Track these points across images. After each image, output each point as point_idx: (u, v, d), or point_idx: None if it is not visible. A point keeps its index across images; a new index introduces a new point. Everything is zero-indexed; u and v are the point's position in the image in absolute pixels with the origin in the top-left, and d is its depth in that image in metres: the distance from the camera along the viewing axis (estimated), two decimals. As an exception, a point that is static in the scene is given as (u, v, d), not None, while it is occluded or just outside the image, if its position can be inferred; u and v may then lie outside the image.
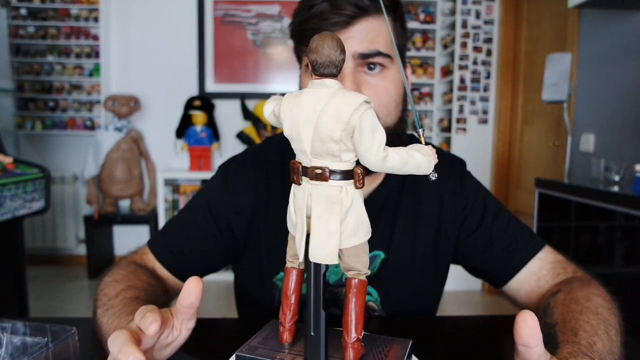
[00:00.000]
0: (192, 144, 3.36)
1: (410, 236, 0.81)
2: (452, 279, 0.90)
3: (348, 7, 0.68)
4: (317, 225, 0.41)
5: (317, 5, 0.69)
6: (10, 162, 1.75)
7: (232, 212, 0.82)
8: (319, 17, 0.69)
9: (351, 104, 0.39)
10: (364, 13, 0.69)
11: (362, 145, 0.39)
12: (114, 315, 0.60)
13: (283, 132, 0.44)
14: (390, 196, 0.82)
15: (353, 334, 0.45)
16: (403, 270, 0.80)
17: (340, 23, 0.69)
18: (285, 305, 0.48)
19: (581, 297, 0.66)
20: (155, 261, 0.81)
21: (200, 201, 0.84)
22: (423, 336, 0.71)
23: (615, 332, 0.59)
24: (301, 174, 0.42)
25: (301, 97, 0.41)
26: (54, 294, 3.13)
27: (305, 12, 0.71)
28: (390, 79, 0.73)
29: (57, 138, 3.62)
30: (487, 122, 3.32)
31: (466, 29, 3.22)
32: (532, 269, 0.79)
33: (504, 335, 0.72)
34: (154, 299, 0.69)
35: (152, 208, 3.50)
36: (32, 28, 3.44)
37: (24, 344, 0.53)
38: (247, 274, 0.86)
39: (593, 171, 2.02)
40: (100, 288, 0.70)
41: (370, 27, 0.70)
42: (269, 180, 0.83)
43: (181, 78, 3.55)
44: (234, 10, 3.53)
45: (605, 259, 1.69)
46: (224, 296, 3.00)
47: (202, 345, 0.64)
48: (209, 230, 0.81)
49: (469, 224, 0.83)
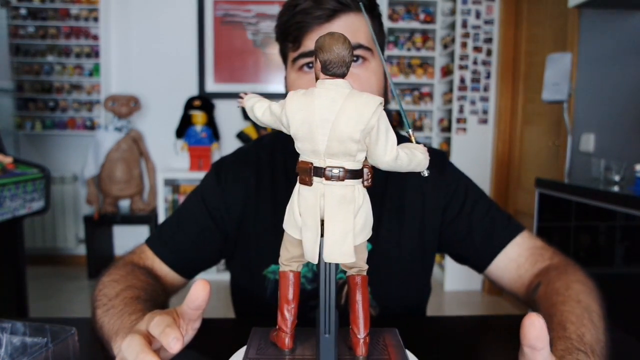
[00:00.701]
0: (192, 144, 3.36)
1: (396, 227, 0.84)
2: (452, 279, 0.91)
3: (330, 2, 0.73)
4: (332, 225, 0.41)
5: (300, 4, 0.74)
6: (10, 162, 1.75)
7: (224, 206, 0.84)
8: (303, 12, 0.74)
9: (371, 105, 0.40)
10: (345, 8, 0.74)
11: (378, 145, 0.41)
12: (116, 316, 0.60)
13: (278, 131, 0.45)
14: (376, 188, 0.84)
15: (363, 329, 0.46)
16: (392, 260, 0.83)
17: (322, 17, 0.74)
18: (285, 310, 0.47)
19: (561, 286, 0.68)
20: (154, 258, 0.82)
21: (195, 197, 0.87)
22: (423, 336, 0.71)
23: (598, 317, 0.61)
24: (313, 175, 0.42)
25: (313, 97, 0.41)
26: (54, 294, 3.13)
27: (290, 11, 0.76)
28: (372, 71, 0.78)
29: (57, 138, 3.62)
30: (487, 122, 3.32)
31: (466, 29, 3.22)
32: (511, 255, 0.82)
33: (504, 335, 0.72)
34: (154, 298, 0.69)
35: (152, 208, 3.50)
36: (32, 28, 3.44)
37: (23, 344, 0.53)
38: (239, 268, 0.88)
39: (593, 171, 2.02)
40: (99, 288, 0.70)
41: (351, 22, 0.76)
42: (259, 177, 0.86)
43: (181, 78, 3.55)
44: (234, 10, 3.53)
45: (605, 259, 1.69)
46: (224, 296, 2.99)
47: (201, 345, 0.64)
48: (204, 223, 0.84)
49: (451, 211, 0.86)
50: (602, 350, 0.55)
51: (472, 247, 0.85)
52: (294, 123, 0.41)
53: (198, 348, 0.62)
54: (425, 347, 0.57)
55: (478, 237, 0.84)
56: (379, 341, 0.51)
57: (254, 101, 0.45)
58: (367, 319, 0.46)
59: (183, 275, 0.84)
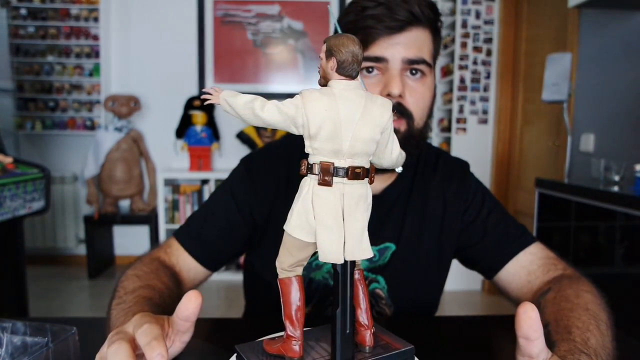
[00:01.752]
0: (192, 144, 3.36)
1: (418, 229, 0.85)
2: (452, 279, 0.92)
3: (403, 13, 0.73)
4: (352, 224, 0.42)
5: (371, 8, 0.74)
6: (10, 162, 1.76)
7: (254, 199, 0.85)
8: (374, 18, 0.74)
9: (387, 108, 0.43)
10: (415, 21, 0.75)
11: (388, 145, 0.45)
12: (123, 311, 0.61)
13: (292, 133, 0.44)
14: (402, 194, 0.87)
15: (369, 322, 0.48)
16: (411, 261, 0.84)
17: (395, 27, 0.74)
18: (295, 317, 0.46)
19: (571, 294, 0.68)
20: (180, 251, 0.83)
21: (223, 191, 0.87)
22: (423, 336, 0.71)
23: (606, 326, 0.61)
24: (333, 174, 0.42)
25: (335, 97, 0.41)
26: (54, 294, 3.13)
27: (358, 13, 0.76)
28: (428, 86, 0.79)
29: (57, 138, 3.62)
30: (487, 122, 3.32)
31: (466, 29, 3.22)
32: (523, 262, 0.82)
33: (504, 335, 0.72)
34: (167, 303, 0.68)
35: (152, 208, 3.50)
36: (32, 28, 3.44)
37: (24, 343, 0.53)
38: (263, 261, 0.88)
39: (593, 171, 2.02)
40: (122, 279, 0.71)
41: (419, 36, 0.76)
42: (290, 172, 0.85)
43: (181, 78, 3.55)
44: (234, 10, 3.53)
45: (605, 259, 1.69)
46: (224, 296, 3.00)
47: (203, 345, 0.64)
48: (233, 218, 0.84)
49: (468, 216, 0.87)
50: (608, 356, 0.55)
51: (485, 252, 0.86)
52: (315, 123, 0.41)
53: (198, 348, 0.62)
54: (425, 347, 0.57)
55: (491, 243, 0.85)
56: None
57: (246, 99, 0.42)
58: (370, 311, 0.48)
59: (208, 268, 0.85)
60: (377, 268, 0.84)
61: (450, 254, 0.89)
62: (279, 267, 0.47)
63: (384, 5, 0.73)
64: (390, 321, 0.80)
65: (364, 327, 0.48)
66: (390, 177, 0.86)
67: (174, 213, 3.42)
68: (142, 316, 0.49)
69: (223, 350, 0.56)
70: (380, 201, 0.83)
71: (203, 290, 0.54)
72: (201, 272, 0.85)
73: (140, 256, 0.79)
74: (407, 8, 0.73)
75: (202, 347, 0.64)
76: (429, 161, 0.91)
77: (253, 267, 0.91)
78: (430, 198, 0.87)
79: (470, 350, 0.68)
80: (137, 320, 0.49)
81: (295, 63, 3.61)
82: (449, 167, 0.91)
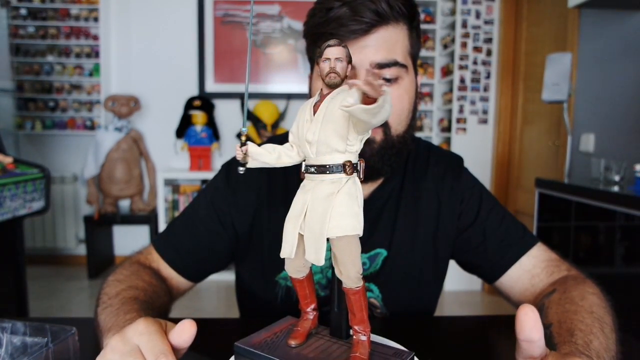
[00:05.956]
0: (192, 144, 3.36)
1: (410, 234, 0.82)
2: (452, 279, 0.91)
3: (368, 14, 0.67)
4: None
5: (335, 10, 0.68)
6: (10, 162, 1.75)
7: (235, 210, 0.82)
8: (337, 22, 0.68)
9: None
10: (383, 21, 0.68)
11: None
12: (111, 314, 0.61)
13: (286, 134, 0.46)
14: (391, 196, 0.83)
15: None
16: (404, 267, 0.81)
17: (359, 31, 0.67)
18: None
19: (576, 296, 0.66)
20: (160, 260, 0.81)
21: (204, 200, 0.84)
22: (423, 336, 0.71)
23: (610, 329, 0.60)
24: None
25: None
26: (54, 294, 3.13)
27: (322, 15, 0.70)
28: (404, 89, 0.73)
29: (57, 138, 3.62)
30: (487, 122, 3.32)
31: (466, 29, 3.22)
32: (526, 266, 0.79)
33: (504, 335, 0.72)
34: (153, 299, 0.69)
35: (152, 208, 3.50)
36: (32, 28, 3.44)
37: (24, 344, 0.53)
38: (250, 273, 0.86)
39: (593, 171, 2.02)
40: (103, 287, 0.70)
41: (388, 36, 0.69)
42: (271, 181, 0.82)
43: (181, 78, 3.55)
44: (234, 10, 3.53)
45: (605, 259, 1.69)
46: (224, 296, 2.99)
47: (202, 345, 0.64)
48: (213, 228, 0.81)
49: (465, 218, 0.83)
50: (612, 359, 0.54)
51: (485, 256, 0.82)
52: None
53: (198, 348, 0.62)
54: (425, 347, 0.57)
55: (492, 247, 0.81)
56: None
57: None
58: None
59: (189, 279, 0.82)
60: (369, 276, 0.80)
61: (447, 257, 0.86)
62: (357, 276, 0.45)
63: (348, 5, 0.67)
64: (390, 321, 0.80)
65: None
66: (377, 180, 0.81)
67: (174, 213, 3.42)
68: (147, 325, 0.46)
69: (223, 350, 0.56)
70: (369, 205, 0.78)
71: (203, 290, 0.54)
72: (182, 282, 0.82)
73: (120, 263, 0.78)
74: (373, 8, 0.67)
75: (201, 347, 0.64)
76: (419, 158, 0.86)
77: (242, 279, 0.89)
78: (422, 198, 0.83)
79: (470, 350, 0.68)
80: (143, 329, 0.46)
81: (295, 63, 3.61)
82: (441, 163, 0.86)
